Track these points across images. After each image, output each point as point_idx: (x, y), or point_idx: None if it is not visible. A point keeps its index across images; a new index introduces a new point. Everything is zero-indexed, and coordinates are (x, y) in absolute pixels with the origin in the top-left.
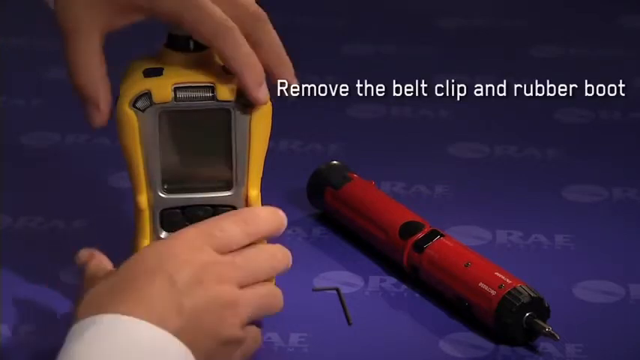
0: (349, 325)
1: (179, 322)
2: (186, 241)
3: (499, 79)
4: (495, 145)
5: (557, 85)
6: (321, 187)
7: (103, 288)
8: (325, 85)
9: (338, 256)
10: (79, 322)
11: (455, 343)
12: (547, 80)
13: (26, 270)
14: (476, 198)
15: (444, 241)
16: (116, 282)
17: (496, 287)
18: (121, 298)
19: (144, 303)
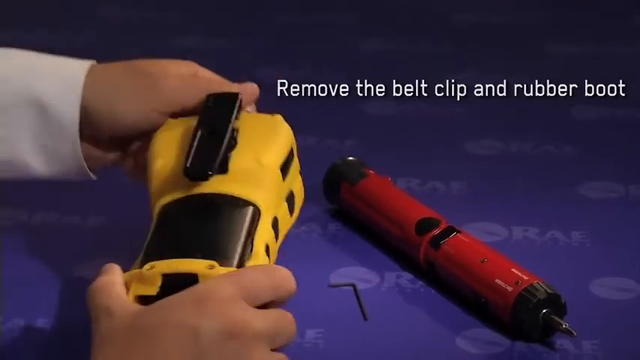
0: (365, 321)
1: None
2: (213, 291)
3: (515, 76)
4: (511, 142)
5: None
6: (337, 182)
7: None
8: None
9: (354, 252)
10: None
11: (471, 340)
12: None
13: (40, 265)
14: (492, 194)
15: (460, 237)
16: (136, 333)
17: (512, 283)
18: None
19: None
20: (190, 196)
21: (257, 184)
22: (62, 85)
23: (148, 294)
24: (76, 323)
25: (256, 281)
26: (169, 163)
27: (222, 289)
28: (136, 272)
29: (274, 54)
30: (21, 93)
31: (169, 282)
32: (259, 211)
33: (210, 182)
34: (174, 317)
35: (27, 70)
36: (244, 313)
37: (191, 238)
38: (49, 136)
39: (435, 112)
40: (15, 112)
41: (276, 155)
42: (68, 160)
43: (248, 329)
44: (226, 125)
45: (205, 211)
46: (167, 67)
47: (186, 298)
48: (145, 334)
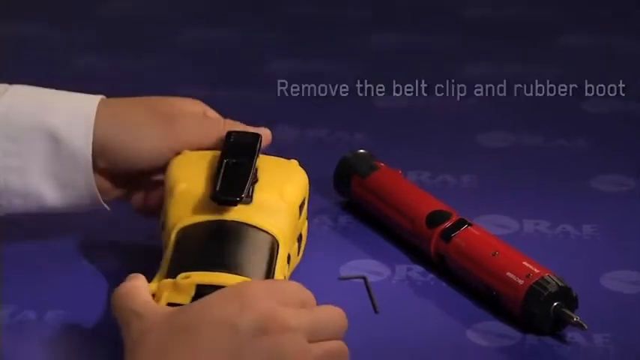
0: (376, 314)
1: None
2: (252, 289)
3: (527, 69)
4: (522, 135)
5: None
6: (348, 175)
7: (162, 333)
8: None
9: (364, 245)
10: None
11: (482, 332)
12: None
13: (56, 254)
14: (503, 187)
15: (471, 230)
16: (175, 328)
17: (523, 276)
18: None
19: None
20: (213, 221)
21: (277, 217)
22: (74, 117)
23: (181, 302)
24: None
25: (287, 290)
26: (193, 188)
27: (257, 288)
28: (169, 281)
29: (286, 47)
30: (34, 124)
31: (202, 293)
32: (278, 243)
33: (233, 210)
34: (213, 313)
35: (39, 103)
36: (278, 309)
37: (219, 256)
38: (62, 167)
39: (446, 104)
40: (28, 142)
41: (295, 193)
42: (81, 190)
43: (283, 324)
44: (251, 157)
45: (229, 236)
46: (180, 107)
47: (223, 296)
48: (184, 330)
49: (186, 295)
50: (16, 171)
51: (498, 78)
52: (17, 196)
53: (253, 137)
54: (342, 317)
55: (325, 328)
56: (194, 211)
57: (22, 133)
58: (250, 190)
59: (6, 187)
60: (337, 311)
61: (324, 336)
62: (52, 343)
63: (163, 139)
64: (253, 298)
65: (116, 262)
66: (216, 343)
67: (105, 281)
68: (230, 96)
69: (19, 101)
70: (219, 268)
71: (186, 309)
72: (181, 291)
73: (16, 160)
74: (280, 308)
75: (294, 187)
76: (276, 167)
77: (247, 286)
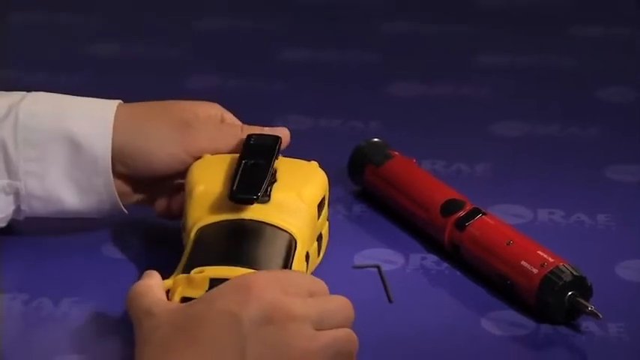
0: (390, 303)
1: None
2: (254, 280)
3: (541, 58)
4: (537, 124)
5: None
6: (362, 164)
7: (168, 329)
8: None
9: (378, 234)
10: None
11: (496, 322)
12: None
13: (68, 244)
14: (517, 176)
15: (485, 219)
16: (180, 324)
17: (538, 266)
18: (183, 351)
19: (206, 352)
20: (231, 220)
21: (296, 216)
22: (92, 121)
23: (194, 296)
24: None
25: (294, 280)
26: (211, 189)
27: (262, 279)
28: (183, 276)
29: (298, 35)
30: (53, 129)
31: (216, 287)
32: (296, 241)
33: (251, 209)
34: (216, 305)
35: (57, 108)
36: (283, 299)
37: (235, 252)
38: (82, 172)
39: (461, 93)
40: (48, 147)
41: (314, 193)
42: (101, 194)
43: (288, 313)
44: (270, 158)
45: (246, 234)
46: (197, 111)
47: (228, 288)
48: (188, 323)
49: (200, 290)
50: (37, 176)
51: (512, 67)
52: (37, 200)
53: (273, 139)
54: (349, 307)
55: (332, 316)
56: (212, 211)
57: (42, 139)
58: (269, 190)
59: (26, 192)
60: (344, 300)
61: (331, 325)
62: (67, 331)
63: (180, 145)
64: (257, 288)
65: (132, 249)
66: (219, 335)
67: (121, 269)
68: (242, 86)
69: (38, 107)
70: (233, 263)
71: (192, 304)
72: (195, 285)
73: (37, 166)
74: (285, 297)
75: (314, 187)
76: (296, 169)
77: (252, 277)
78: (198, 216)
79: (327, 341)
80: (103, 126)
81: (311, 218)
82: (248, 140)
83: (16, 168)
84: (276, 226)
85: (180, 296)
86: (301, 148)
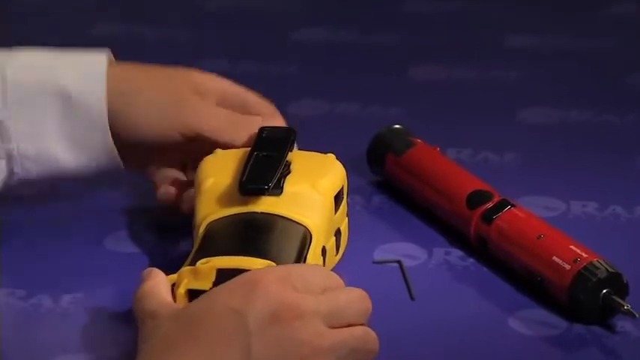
0: (412, 301)
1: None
2: (260, 276)
3: (574, 39)
4: (570, 110)
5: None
6: (382, 153)
7: (170, 327)
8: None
9: (400, 227)
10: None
11: (525, 321)
12: (626, 40)
13: (68, 236)
14: (548, 166)
15: (514, 211)
16: (183, 322)
17: (571, 261)
18: (184, 347)
19: (208, 350)
20: (241, 214)
21: (311, 209)
22: (86, 75)
23: (200, 288)
24: (106, 297)
25: (305, 275)
26: (221, 183)
27: (270, 274)
28: (189, 268)
29: (313, 14)
30: (43, 85)
31: (224, 277)
32: (311, 235)
33: (262, 202)
34: (219, 303)
35: (46, 64)
36: (291, 295)
37: (245, 243)
38: (77, 127)
39: (488, 76)
40: (41, 102)
41: (330, 184)
42: (98, 149)
43: (296, 310)
44: (283, 150)
45: (258, 227)
46: (206, 84)
47: (233, 284)
48: (191, 320)
49: (207, 281)
50: (29, 136)
51: (544, 48)
52: (31, 161)
53: (287, 132)
54: (364, 298)
55: (344, 312)
56: (222, 205)
57: (32, 96)
58: (281, 182)
59: (19, 153)
60: (357, 292)
61: (345, 320)
62: (67, 329)
63: (173, 123)
64: (264, 284)
65: (137, 242)
66: (223, 333)
67: (125, 263)
68: (254, 68)
69: (25, 64)
70: (242, 253)
71: (194, 302)
72: (201, 277)
73: (28, 125)
74: (294, 294)
75: (330, 178)
76: (311, 161)
77: (259, 273)
78: (208, 211)
79: (339, 338)
80: (95, 78)
81: (327, 210)
82: (261, 133)
83: (6, 129)
84: (290, 219)
85: (186, 288)
86: (316, 136)
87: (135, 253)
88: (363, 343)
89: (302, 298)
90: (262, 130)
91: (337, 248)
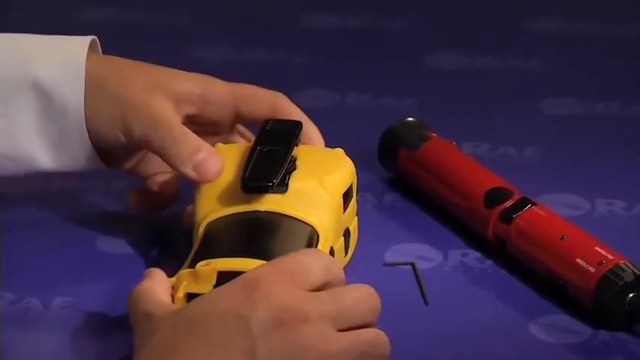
0: (426, 306)
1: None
2: (261, 277)
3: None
4: (596, 101)
5: None
6: (395, 147)
7: (168, 330)
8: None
9: (413, 227)
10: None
11: (547, 327)
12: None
13: (59, 236)
14: (572, 161)
15: (535, 210)
16: (181, 324)
17: (595, 264)
18: (184, 351)
19: (211, 354)
20: (243, 212)
21: (318, 207)
22: (63, 68)
23: (200, 292)
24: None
25: (304, 263)
26: (221, 179)
27: (270, 275)
28: (188, 270)
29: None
30: (18, 78)
31: (225, 281)
32: (318, 235)
33: (266, 200)
34: (220, 306)
35: (22, 53)
36: (294, 297)
37: (247, 244)
38: (53, 123)
39: (508, 64)
40: (15, 98)
41: (339, 181)
42: (75, 147)
43: (300, 313)
44: (288, 144)
45: (261, 226)
46: (175, 92)
47: (233, 287)
48: (189, 325)
49: (207, 284)
50: (3, 133)
51: (568, 34)
52: (7, 159)
53: (293, 125)
54: (372, 296)
55: (352, 311)
56: (223, 203)
57: (7, 90)
58: (286, 178)
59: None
60: (365, 290)
61: (354, 321)
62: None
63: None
64: (265, 285)
65: (132, 243)
66: (226, 338)
67: (120, 265)
68: (257, 56)
69: (2, 54)
70: (245, 255)
71: (192, 304)
72: (201, 280)
73: (2, 122)
74: (297, 294)
75: (338, 174)
76: (319, 156)
77: (258, 272)
78: (208, 209)
79: (348, 342)
80: (74, 72)
81: (335, 209)
82: (265, 126)
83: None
84: (295, 218)
85: (185, 292)
86: (324, 128)
87: (130, 255)
88: (373, 347)
89: (306, 300)
90: (267, 122)
91: (346, 249)
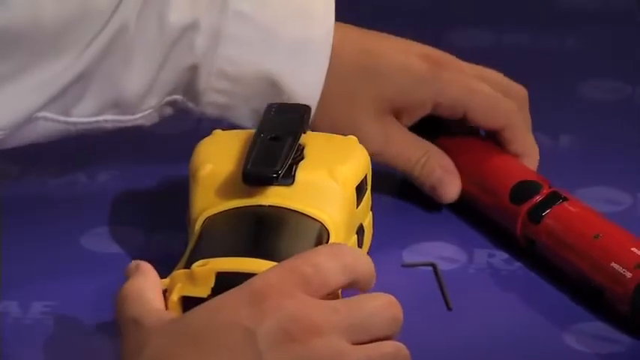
0: (449, 311)
1: None
2: (270, 285)
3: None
4: (636, 84)
5: None
6: None
7: (163, 341)
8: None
9: (433, 224)
10: None
11: (582, 336)
12: None
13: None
14: (612, 151)
15: (567, 206)
16: (179, 335)
17: (632, 267)
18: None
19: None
20: (245, 207)
21: (328, 201)
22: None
23: (197, 295)
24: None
25: (320, 265)
26: (220, 170)
27: (281, 282)
28: (184, 271)
29: None
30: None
31: (225, 283)
32: (328, 232)
33: (270, 193)
34: (224, 318)
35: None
36: (305, 307)
37: (249, 242)
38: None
39: (540, 44)
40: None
41: (351, 172)
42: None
43: (311, 326)
44: (294, 131)
45: (264, 222)
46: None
47: (238, 295)
48: (187, 336)
49: (205, 286)
50: (222, 108)
51: (606, 12)
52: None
53: (300, 109)
54: (393, 306)
55: (370, 323)
56: (222, 196)
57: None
58: (293, 169)
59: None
60: (386, 299)
61: (372, 333)
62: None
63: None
64: (273, 294)
65: (121, 240)
66: (230, 351)
67: (106, 265)
68: None
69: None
70: (247, 254)
71: (191, 314)
72: (198, 281)
73: (226, 98)
74: (309, 304)
75: (350, 165)
76: (329, 144)
77: (264, 278)
78: (205, 203)
79: (365, 356)
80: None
81: (347, 203)
82: (268, 110)
83: (200, 96)
84: (303, 213)
85: (179, 295)
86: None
87: (117, 254)
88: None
89: (319, 310)
90: (271, 106)
91: (360, 248)
